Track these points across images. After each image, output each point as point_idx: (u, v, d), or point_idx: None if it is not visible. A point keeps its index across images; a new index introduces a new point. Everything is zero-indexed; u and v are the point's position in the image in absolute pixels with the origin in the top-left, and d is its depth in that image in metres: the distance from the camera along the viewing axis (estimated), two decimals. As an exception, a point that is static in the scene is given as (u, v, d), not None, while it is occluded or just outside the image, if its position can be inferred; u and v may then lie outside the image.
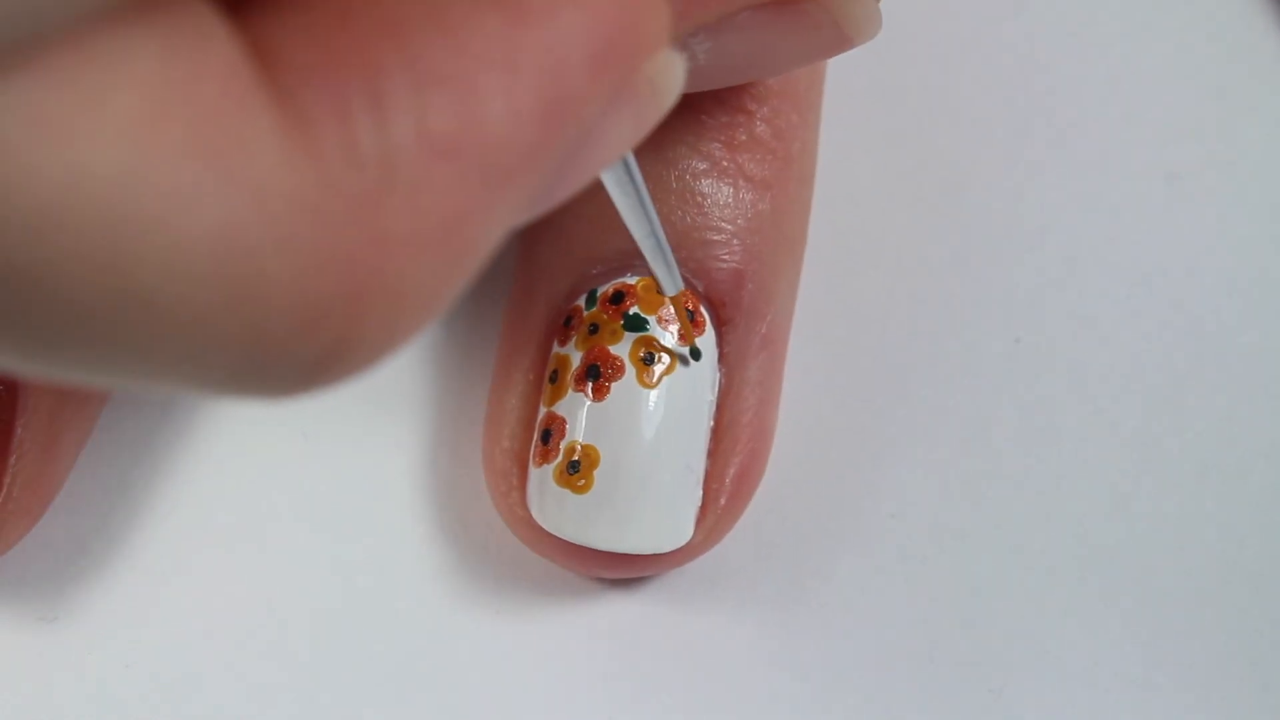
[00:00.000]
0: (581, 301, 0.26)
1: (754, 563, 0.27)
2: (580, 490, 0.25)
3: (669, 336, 0.25)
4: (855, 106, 0.30)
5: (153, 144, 0.13)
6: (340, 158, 0.14)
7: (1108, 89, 0.31)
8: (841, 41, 0.22)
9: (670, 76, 0.17)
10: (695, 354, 0.25)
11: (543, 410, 0.26)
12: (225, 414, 0.28)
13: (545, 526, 0.25)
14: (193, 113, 0.13)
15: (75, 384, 0.18)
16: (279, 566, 0.27)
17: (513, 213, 0.16)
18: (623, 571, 0.26)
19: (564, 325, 0.26)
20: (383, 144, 0.14)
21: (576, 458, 0.25)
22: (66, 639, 0.26)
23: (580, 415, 0.25)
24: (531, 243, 0.27)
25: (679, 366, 0.25)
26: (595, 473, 0.25)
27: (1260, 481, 0.28)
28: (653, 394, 0.25)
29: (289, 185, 0.14)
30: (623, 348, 0.25)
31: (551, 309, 0.26)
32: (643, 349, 0.25)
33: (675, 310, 0.25)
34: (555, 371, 0.26)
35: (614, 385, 0.25)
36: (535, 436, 0.26)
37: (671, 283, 0.24)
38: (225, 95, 0.13)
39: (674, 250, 0.26)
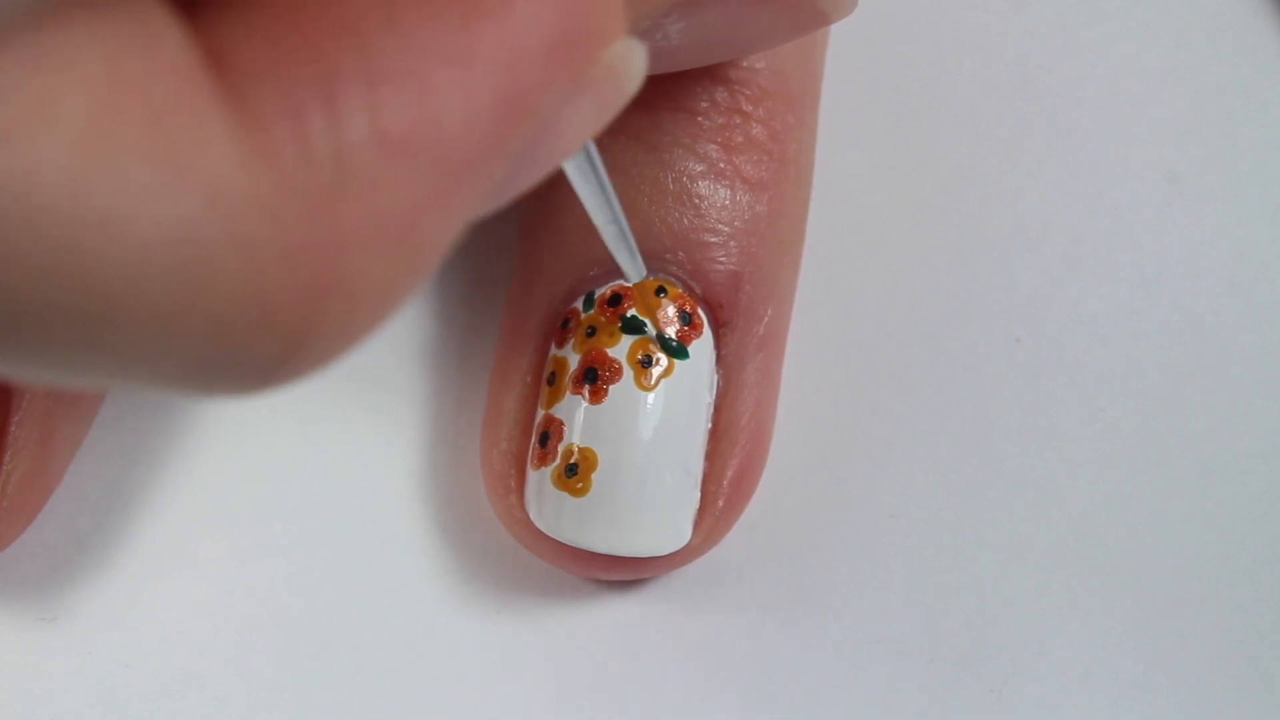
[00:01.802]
0: (579, 303, 0.26)
1: (752, 563, 0.27)
2: (578, 493, 0.25)
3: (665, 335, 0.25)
4: (853, 107, 0.30)
5: (103, 147, 0.13)
6: (294, 157, 0.14)
7: (1108, 89, 0.31)
8: (816, 18, 0.22)
9: (631, 63, 0.17)
10: (682, 351, 0.25)
11: (541, 412, 0.26)
12: (224, 413, 0.28)
13: (543, 529, 0.25)
14: (143, 114, 0.13)
15: (29, 381, 0.18)
16: (278, 566, 0.27)
17: (471, 207, 0.16)
18: (621, 573, 0.26)
19: (562, 327, 0.26)
20: (336, 142, 0.14)
21: (574, 461, 0.25)
22: (66, 639, 0.26)
23: (578, 418, 0.25)
24: (530, 243, 0.27)
25: (676, 368, 0.25)
26: (593, 476, 0.25)
27: (1260, 481, 0.28)
28: (650, 396, 0.25)
29: (242, 185, 0.14)
30: (620, 350, 0.25)
31: (549, 310, 0.26)
32: (640, 351, 0.25)
33: (637, 295, 0.25)
34: (553, 374, 0.26)
35: (612, 388, 0.25)
36: (533, 439, 0.26)
37: (635, 270, 0.24)
38: (176, 96, 0.14)
39: (672, 252, 0.26)
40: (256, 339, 0.14)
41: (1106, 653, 0.27)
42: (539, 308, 0.26)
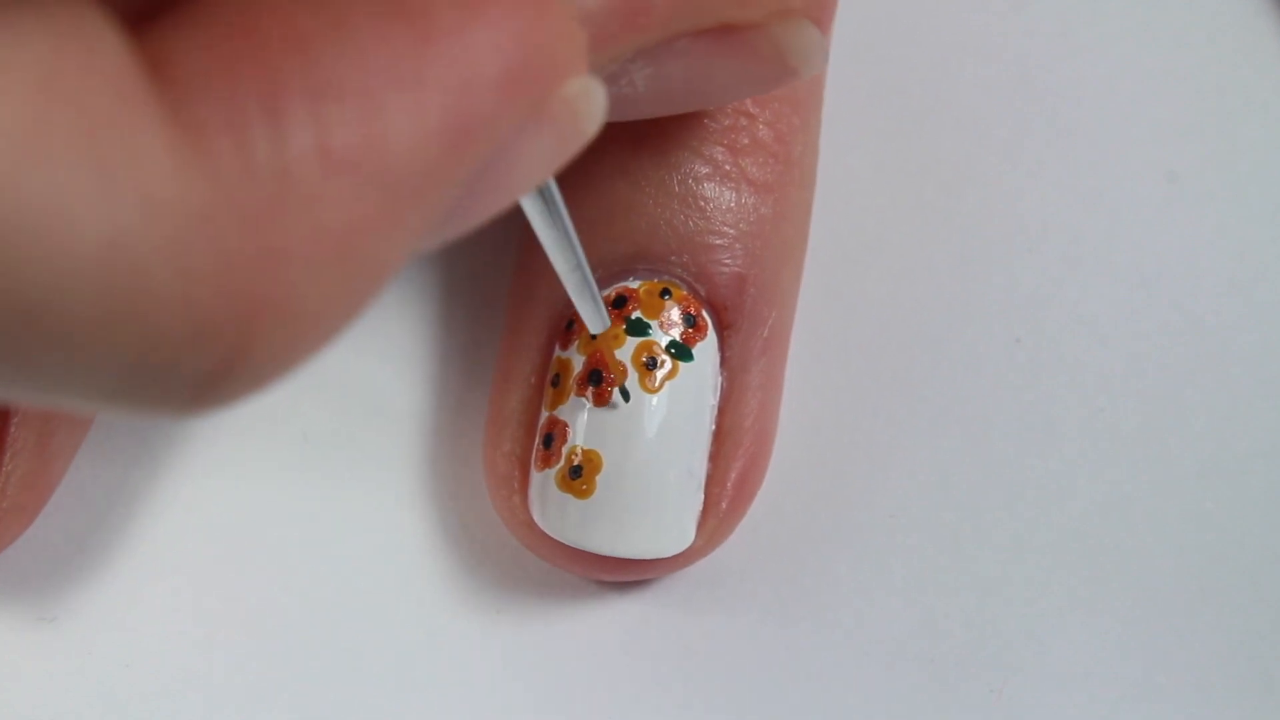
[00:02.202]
0: None
1: (754, 564, 0.27)
2: (582, 495, 0.25)
3: (670, 339, 0.25)
4: (855, 108, 0.30)
5: (37, 152, 0.13)
6: (234, 169, 0.14)
7: (1108, 89, 0.31)
8: (786, 73, 0.22)
9: (590, 102, 0.17)
10: (625, 395, 0.25)
11: (545, 414, 0.26)
12: (225, 414, 0.28)
13: (547, 530, 0.25)
14: (80, 121, 0.13)
15: None
16: (278, 566, 0.27)
17: (417, 234, 0.15)
18: (624, 575, 0.26)
19: (566, 329, 0.26)
20: (278, 156, 0.14)
21: (579, 463, 0.25)
22: (66, 639, 0.26)
23: (582, 420, 0.25)
24: (532, 245, 0.27)
25: (681, 371, 0.25)
26: (597, 478, 0.25)
27: (1260, 481, 0.28)
28: (655, 399, 0.25)
29: (179, 196, 0.14)
30: (625, 352, 0.25)
31: (553, 312, 0.26)
32: (645, 353, 0.25)
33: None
34: (557, 375, 0.26)
35: (616, 391, 0.25)
36: (537, 441, 0.26)
37: (599, 321, 0.24)
38: (112, 104, 0.13)
39: (677, 254, 0.26)
40: (190, 353, 0.14)
41: (1106, 653, 0.27)
42: (542, 310, 0.26)
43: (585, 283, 0.22)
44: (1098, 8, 0.32)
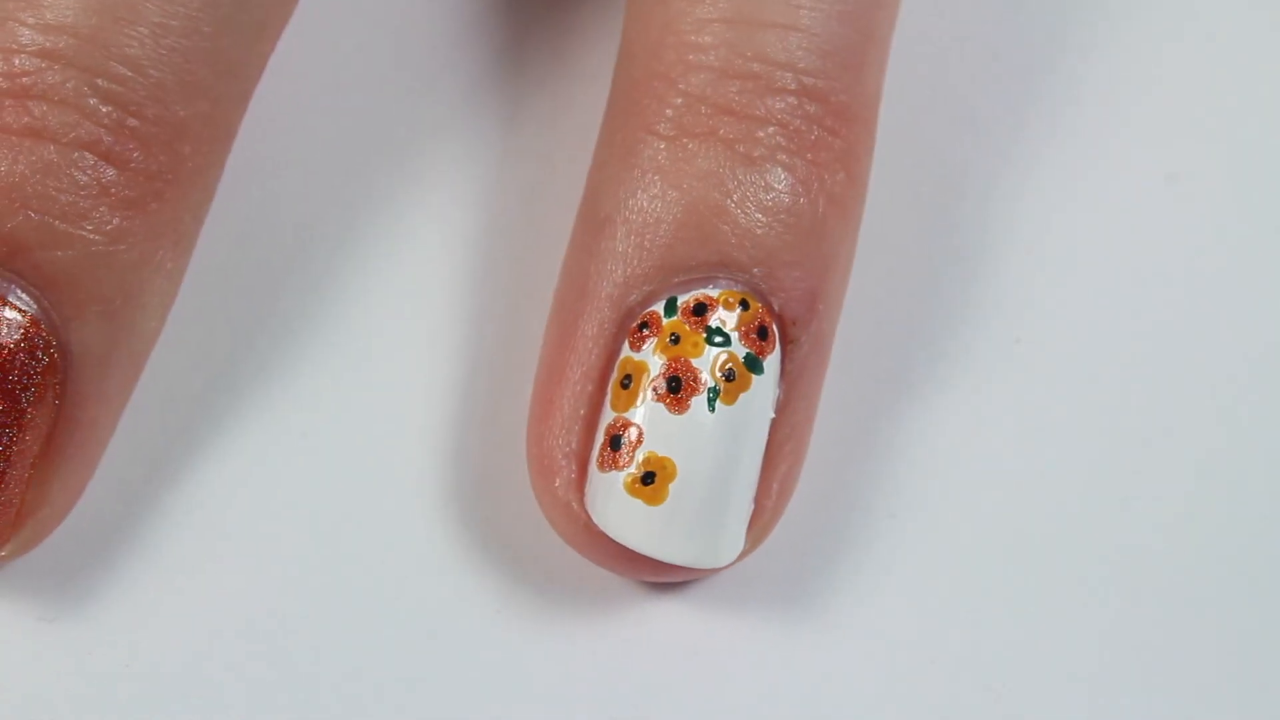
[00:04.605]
0: (659, 308, 0.26)
1: (752, 563, 0.27)
2: (653, 501, 0.25)
3: (746, 351, 0.25)
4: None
5: None
6: None
7: (1108, 89, 0.31)
8: None
9: None
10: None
11: (612, 414, 0.25)
12: (226, 413, 0.28)
13: (609, 533, 0.25)
14: None
15: None
16: (280, 566, 0.27)
17: None
18: (671, 577, 0.26)
19: (639, 329, 0.26)
20: None
21: (652, 469, 0.25)
22: (66, 639, 0.26)
23: (659, 426, 0.25)
24: (598, 238, 0.26)
25: (753, 383, 0.25)
26: (671, 485, 0.25)
27: (1260, 481, 0.28)
28: (731, 410, 0.25)
29: None
30: (704, 361, 0.25)
31: (622, 313, 0.26)
32: (724, 364, 0.25)
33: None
34: (628, 377, 0.25)
35: (694, 400, 0.25)
36: (602, 440, 0.25)
37: None
38: None
39: (759, 265, 0.26)
40: None
41: (1107, 652, 0.27)
42: (609, 308, 0.26)
43: None
44: (1098, 8, 0.32)
